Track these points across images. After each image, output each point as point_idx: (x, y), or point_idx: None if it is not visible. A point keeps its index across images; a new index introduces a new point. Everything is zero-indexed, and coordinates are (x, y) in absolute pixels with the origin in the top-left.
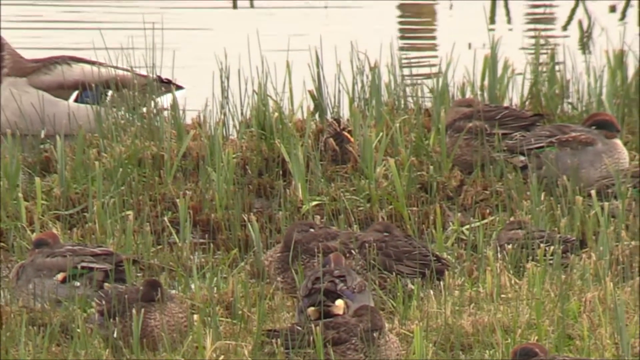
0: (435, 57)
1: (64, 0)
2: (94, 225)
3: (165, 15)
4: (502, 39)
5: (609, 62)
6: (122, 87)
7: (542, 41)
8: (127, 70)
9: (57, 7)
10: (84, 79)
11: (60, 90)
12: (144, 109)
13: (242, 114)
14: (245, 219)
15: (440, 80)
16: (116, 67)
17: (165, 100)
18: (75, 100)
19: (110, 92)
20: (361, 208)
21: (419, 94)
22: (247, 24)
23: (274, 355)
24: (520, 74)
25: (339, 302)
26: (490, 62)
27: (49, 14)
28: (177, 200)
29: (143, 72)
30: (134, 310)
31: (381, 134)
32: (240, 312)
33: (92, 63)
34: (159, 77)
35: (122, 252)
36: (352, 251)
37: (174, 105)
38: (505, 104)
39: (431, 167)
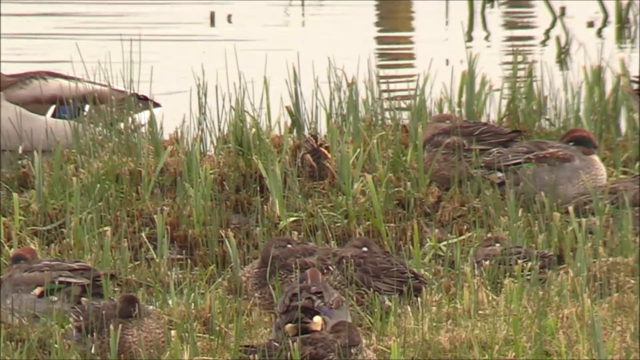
0: (413, 72)
1: (43, 16)
2: (71, 241)
3: (143, 31)
4: (480, 55)
5: (587, 78)
6: (99, 102)
7: (519, 57)
8: (104, 85)
9: (38, 21)
10: (60, 94)
11: (37, 104)
12: (122, 125)
13: (219, 129)
14: (223, 234)
15: (418, 96)
16: (93, 82)
17: (142, 117)
18: (53, 115)
19: (87, 107)
20: (338, 224)
21: (397, 110)
22: (225, 40)
23: None
24: (498, 90)
25: (317, 319)
26: (468, 78)
27: (30, 27)
28: (155, 216)
29: (120, 87)
30: (111, 326)
31: (358, 150)
32: (217, 327)
33: (69, 78)
34: (136, 94)
35: (100, 268)
36: (330, 267)
37: (152, 122)
38: (483, 120)
39: (408, 183)
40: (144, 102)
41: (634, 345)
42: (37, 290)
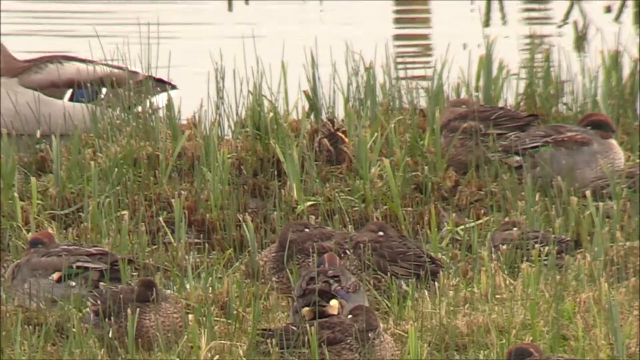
0: (430, 56)
1: (60, 2)
2: (89, 225)
3: (161, 16)
4: (497, 40)
5: (604, 63)
6: (116, 85)
7: (537, 42)
8: (120, 68)
9: (52, 12)
10: (77, 77)
11: (53, 88)
12: (139, 109)
13: (237, 114)
14: (240, 219)
15: (435, 80)
16: (109, 65)
17: (159, 99)
18: (70, 99)
19: (104, 90)
20: (356, 208)
21: (414, 94)
22: (242, 24)
23: (269, 355)
24: (515, 74)
25: (334, 302)
26: (485, 62)
27: (44, 19)
28: (172, 200)
29: (137, 70)
30: (129, 310)
31: (376, 134)
32: (235, 312)
33: (85, 61)
34: (153, 76)
35: (118, 252)
36: (347, 251)
37: (169, 105)
38: (500, 104)
39: (426, 167)
40: (161, 84)
41: None
42: (55, 275)
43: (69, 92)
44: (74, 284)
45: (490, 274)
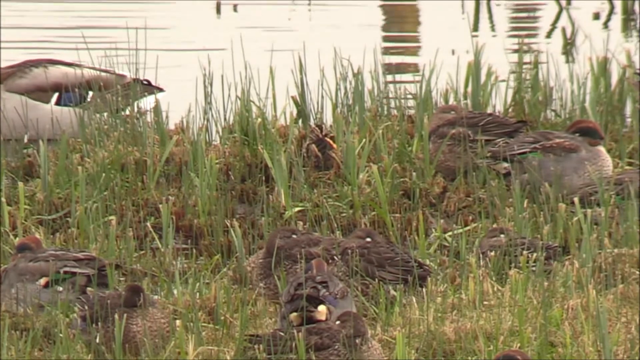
0: (419, 61)
1: (48, 2)
2: (76, 230)
3: (149, 21)
4: (486, 46)
5: (593, 70)
6: (103, 88)
7: (525, 48)
8: (106, 71)
9: (42, 12)
10: (64, 81)
11: (40, 93)
12: (127, 112)
13: (225, 119)
14: (228, 224)
15: (424, 86)
16: (94, 68)
17: (147, 102)
18: (57, 103)
19: (91, 94)
20: (344, 214)
21: (402, 100)
22: (230, 30)
23: None
24: (503, 80)
25: (322, 308)
26: (474, 68)
27: (35, 17)
28: (160, 205)
29: (124, 74)
30: (116, 316)
31: (364, 140)
32: (222, 317)
33: (70, 64)
34: (138, 79)
35: (105, 257)
36: (335, 257)
37: (157, 111)
38: (489, 110)
39: (414, 173)
40: (148, 87)
41: (639, 336)
42: (43, 281)
43: (56, 95)
44: (61, 289)
45: (478, 281)
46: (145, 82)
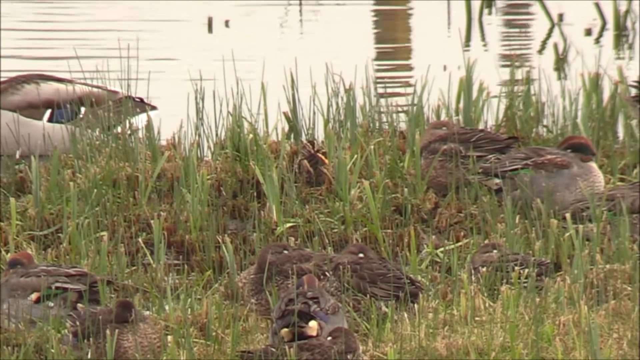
0: (411, 77)
1: (41, 23)
2: (68, 246)
3: (141, 36)
4: (478, 62)
5: (584, 85)
6: (95, 105)
7: (517, 64)
8: (98, 87)
9: (34, 29)
10: (56, 98)
11: (32, 109)
12: (119, 129)
13: (216, 135)
14: (220, 240)
15: (416, 102)
16: (87, 84)
17: (139, 120)
18: (50, 120)
19: (83, 110)
20: (335, 230)
21: (394, 116)
22: (222, 46)
23: None
24: (495, 96)
25: (313, 324)
26: (466, 84)
27: (25, 35)
28: (152, 221)
29: (116, 90)
30: (107, 332)
31: (356, 156)
32: (214, 333)
33: (61, 81)
34: (131, 96)
35: (97, 273)
36: (326, 273)
37: (149, 126)
38: (481, 126)
39: (406, 189)
40: (141, 105)
41: (631, 352)
42: (34, 296)
43: (48, 112)
44: (52, 304)
45: (469, 296)
46: (138, 100)
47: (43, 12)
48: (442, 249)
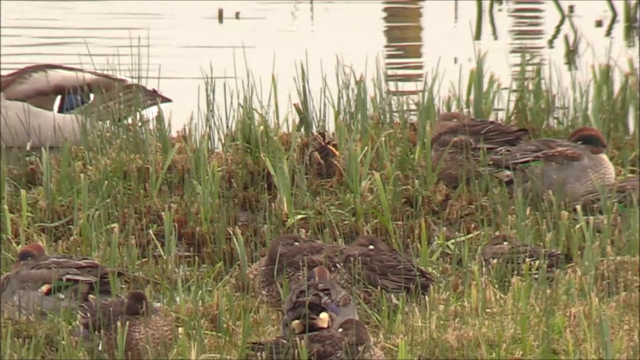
0: (421, 69)
1: (50, 16)
2: (79, 238)
3: (152, 30)
4: (488, 54)
5: (595, 77)
6: (105, 92)
7: (528, 56)
8: (106, 76)
9: (44, 23)
10: (64, 84)
11: (42, 97)
12: (130, 120)
13: (227, 127)
14: (231, 232)
15: (426, 94)
16: (95, 73)
17: (150, 112)
18: (60, 108)
19: (92, 96)
20: (346, 222)
21: (405, 108)
22: (233, 37)
23: None
24: (506, 88)
25: (324, 315)
26: (476, 76)
27: (36, 32)
28: (163, 213)
29: (125, 78)
30: (118, 323)
31: (366, 147)
32: (225, 325)
33: (69, 69)
34: (144, 87)
35: (107, 265)
36: (337, 265)
37: (160, 118)
38: (491, 118)
39: (416, 181)
40: (152, 97)
41: None
42: (45, 288)
43: (58, 99)
44: (63, 296)
45: (480, 288)
46: (152, 91)
47: (52, 8)
48: (452, 240)
